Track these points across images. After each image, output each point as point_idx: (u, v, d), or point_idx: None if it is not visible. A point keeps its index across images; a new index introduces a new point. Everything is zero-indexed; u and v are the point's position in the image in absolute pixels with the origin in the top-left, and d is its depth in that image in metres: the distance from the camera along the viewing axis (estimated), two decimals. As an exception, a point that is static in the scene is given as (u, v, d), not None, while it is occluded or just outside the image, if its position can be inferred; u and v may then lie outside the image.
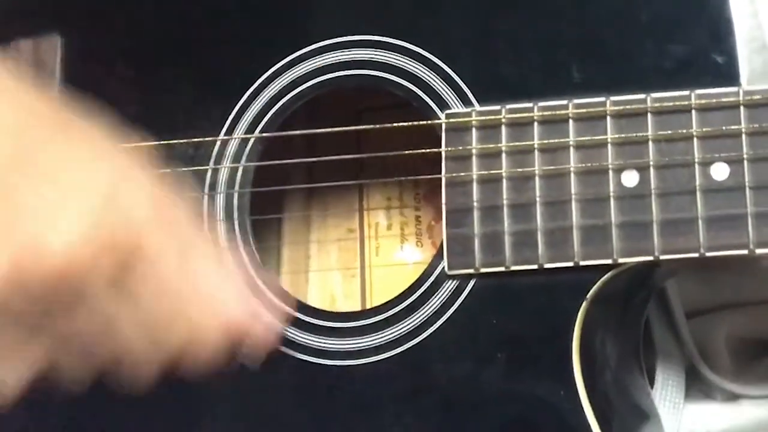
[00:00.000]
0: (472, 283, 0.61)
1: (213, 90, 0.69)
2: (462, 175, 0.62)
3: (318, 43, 0.67)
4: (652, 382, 0.72)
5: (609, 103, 0.59)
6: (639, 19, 0.61)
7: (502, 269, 0.60)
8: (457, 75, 0.64)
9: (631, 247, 0.58)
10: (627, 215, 0.58)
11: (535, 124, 0.61)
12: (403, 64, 0.65)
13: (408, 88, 0.65)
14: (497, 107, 0.62)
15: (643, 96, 0.59)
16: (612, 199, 0.59)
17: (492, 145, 0.61)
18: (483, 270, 0.61)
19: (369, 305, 0.74)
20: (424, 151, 0.63)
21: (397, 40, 0.65)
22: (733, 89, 0.58)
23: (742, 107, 0.57)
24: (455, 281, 0.62)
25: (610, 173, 0.59)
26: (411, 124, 0.64)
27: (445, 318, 0.62)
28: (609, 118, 0.59)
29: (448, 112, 0.63)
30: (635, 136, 0.59)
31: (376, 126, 0.65)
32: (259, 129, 0.67)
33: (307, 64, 0.67)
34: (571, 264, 0.59)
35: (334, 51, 0.67)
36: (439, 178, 0.62)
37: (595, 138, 0.59)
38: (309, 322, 0.65)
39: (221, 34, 0.70)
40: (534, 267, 0.60)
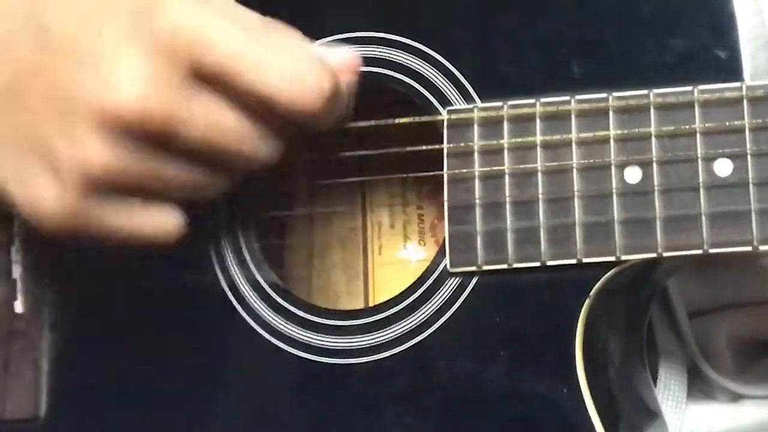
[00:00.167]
0: (475, 280, 0.61)
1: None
2: (464, 171, 0.61)
3: (319, 39, 0.67)
4: (654, 382, 0.72)
5: (611, 98, 0.59)
6: (641, 15, 0.60)
7: (504, 266, 0.60)
8: (458, 71, 0.64)
9: (634, 244, 0.58)
10: (630, 212, 0.58)
11: (537, 120, 0.60)
12: (404, 60, 0.65)
13: (410, 85, 0.65)
14: (499, 103, 0.61)
15: (645, 91, 0.59)
16: (615, 196, 0.58)
17: (494, 142, 0.61)
18: (485, 267, 0.60)
19: (372, 304, 0.74)
20: (426, 148, 0.63)
21: (399, 36, 0.65)
22: (736, 84, 0.57)
23: (745, 102, 0.57)
24: (458, 279, 0.62)
25: (613, 169, 0.59)
26: (413, 120, 0.64)
27: (447, 316, 0.62)
28: (611, 114, 0.59)
29: (450, 108, 0.63)
30: (638, 131, 0.58)
31: (378, 122, 0.65)
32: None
33: (309, 61, 0.67)
34: (573, 261, 0.59)
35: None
36: (442, 176, 0.62)
37: (598, 134, 0.59)
38: (311, 320, 0.64)
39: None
40: (537, 264, 0.59)
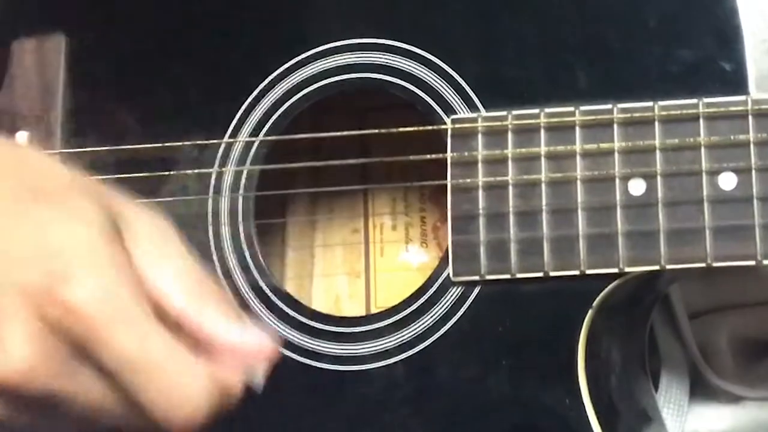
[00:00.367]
0: (478, 289, 0.61)
1: (218, 92, 0.69)
2: (468, 181, 0.61)
3: (323, 46, 0.66)
4: (656, 385, 0.72)
5: (616, 110, 0.59)
6: (647, 25, 0.60)
7: (507, 276, 0.60)
8: (462, 79, 0.63)
9: (638, 257, 0.58)
10: (633, 224, 0.58)
11: (542, 131, 0.60)
12: (408, 67, 0.65)
13: (413, 92, 0.64)
14: (503, 113, 0.61)
15: (650, 104, 0.58)
16: (618, 208, 0.58)
17: (498, 152, 0.61)
18: (488, 277, 0.60)
19: (373, 307, 0.74)
20: (429, 157, 0.63)
21: (403, 43, 0.65)
22: (741, 98, 0.57)
23: (750, 116, 0.57)
24: (460, 288, 0.62)
25: (617, 181, 0.58)
26: (416, 129, 0.63)
27: (450, 324, 0.62)
28: (616, 126, 0.59)
29: (454, 117, 0.62)
30: (642, 144, 0.58)
31: (381, 131, 0.64)
32: (263, 132, 0.67)
33: (312, 67, 0.67)
34: (577, 272, 0.59)
35: (339, 54, 0.66)
36: (445, 183, 0.62)
37: (602, 145, 0.59)
38: (315, 327, 0.65)
39: (226, 36, 0.70)
40: (540, 275, 0.59)
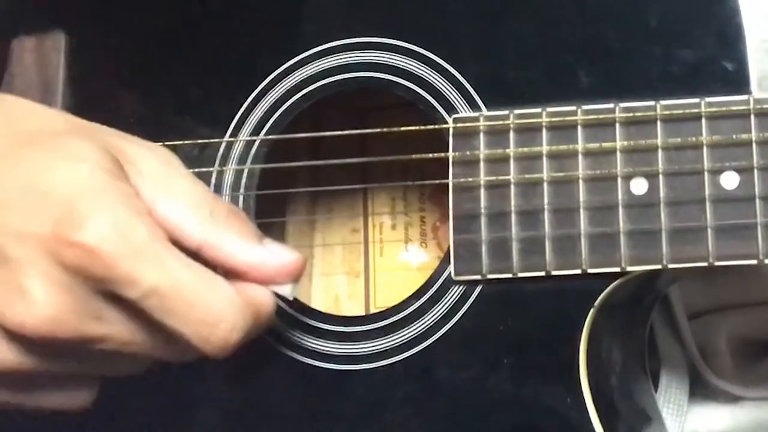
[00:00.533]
0: (479, 289, 0.61)
1: (218, 91, 0.69)
2: (469, 180, 0.61)
3: (324, 45, 0.66)
4: (656, 385, 0.72)
5: (618, 109, 0.59)
6: (648, 25, 0.60)
7: (509, 276, 0.60)
8: (464, 78, 0.63)
9: (640, 256, 0.58)
10: (635, 223, 0.58)
11: (544, 130, 0.60)
12: (410, 66, 0.65)
13: (415, 91, 0.64)
14: (505, 112, 0.61)
15: (652, 103, 0.58)
16: (620, 207, 0.58)
17: (500, 151, 0.61)
18: (490, 276, 0.60)
19: (373, 306, 0.74)
20: (431, 156, 0.63)
21: (404, 42, 0.65)
22: (744, 97, 0.57)
23: (752, 116, 0.57)
24: (462, 287, 0.62)
25: (619, 181, 0.59)
26: (418, 128, 0.63)
27: (451, 324, 0.62)
28: (618, 125, 0.59)
29: (456, 116, 0.62)
30: (644, 143, 0.58)
31: (382, 130, 0.64)
32: (264, 131, 0.67)
33: (313, 66, 0.67)
34: (578, 272, 0.59)
35: (340, 53, 0.66)
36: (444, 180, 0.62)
37: (604, 145, 0.59)
38: (316, 326, 0.64)
39: (227, 35, 0.70)
40: (541, 274, 0.59)
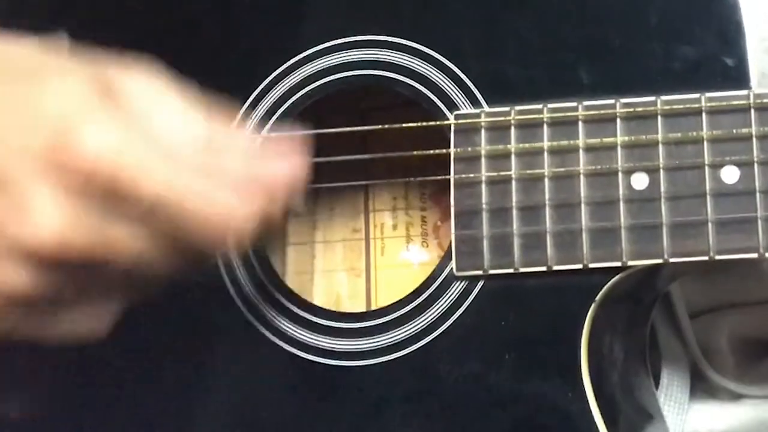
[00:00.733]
0: (481, 284, 0.61)
1: (221, 89, 0.69)
2: (471, 176, 0.61)
3: (326, 43, 0.67)
4: (657, 383, 0.73)
5: (619, 105, 0.59)
6: (649, 21, 0.60)
7: (510, 271, 0.60)
8: (465, 75, 0.64)
9: (641, 250, 0.58)
10: (636, 218, 0.58)
11: (545, 126, 0.61)
12: (411, 64, 0.65)
13: (416, 89, 0.65)
14: (506, 108, 0.61)
15: (653, 98, 0.59)
16: (621, 202, 0.59)
17: (501, 147, 0.61)
18: (492, 272, 0.61)
19: (374, 305, 0.74)
20: (433, 152, 0.63)
21: (406, 40, 0.65)
22: (744, 92, 0.58)
23: (752, 110, 0.57)
24: (463, 283, 0.62)
25: (620, 175, 0.59)
26: (420, 125, 0.64)
27: (453, 319, 0.62)
28: (619, 120, 0.59)
29: (458, 113, 0.63)
30: (645, 138, 0.59)
31: (384, 126, 0.65)
32: (266, 128, 0.67)
33: (315, 64, 0.67)
34: (580, 266, 0.59)
35: (342, 51, 0.66)
36: (446, 179, 0.62)
37: (605, 140, 0.59)
38: (316, 323, 0.65)
39: (229, 33, 0.70)
40: (543, 269, 0.60)
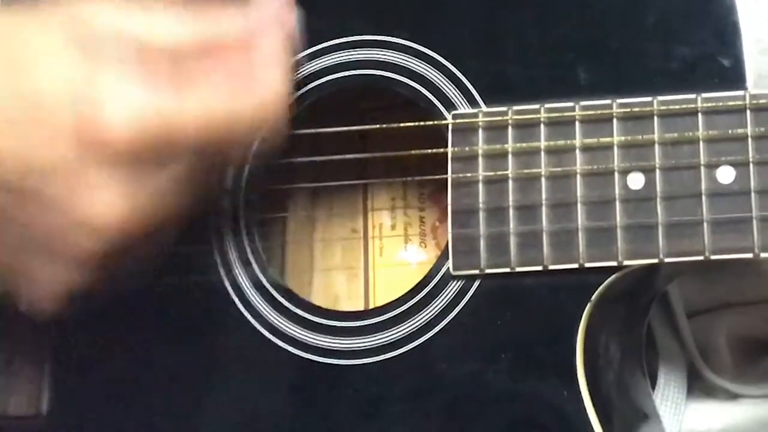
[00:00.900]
0: (477, 283, 0.62)
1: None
2: (468, 175, 0.62)
3: (324, 42, 0.67)
4: (654, 382, 0.73)
5: (615, 105, 0.60)
6: (646, 22, 0.61)
7: (507, 270, 0.60)
8: (463, 75, 0.64)
9: (636, 250, 0.58)
10: (632, 218, 0.59)
11: (542, 126, 0.61)
12: (409, 64, 0.65)
13: (414, 89, 0.65)
14: (504, 108, 0.62)
15: (649, 99, 0.59)
16: (617, 202, 0.59)
17: (498, 146, 0.61)
18: (488, 271, 0.61)
19: (372, 305, 0.74)
20: (430, 152, 0.63)
21: (404, 40, 0.66)
22: (740, 93, 0.58)
23: (748, 111, 0.57)
24: (460, 282, 0.62)
25: (616, 175, 0.59)
26: (417, 124, 0.64)
27: (449, 318, 0.62)
28: (615, 121, 0.60)
29: (455, 112, 0.63)
30: (641, 138, 0.59)
31: (382, 126, 0.65)
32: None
33: (314, 63, 0.67)
34: (576, 266, 0.59)
35: (340, 51, 0.67)
36: (444, 179, 0.62)
37: (602, 140, 0.60)
38: (314, 321, 0.65)
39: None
40: (539, 268, 0.60)
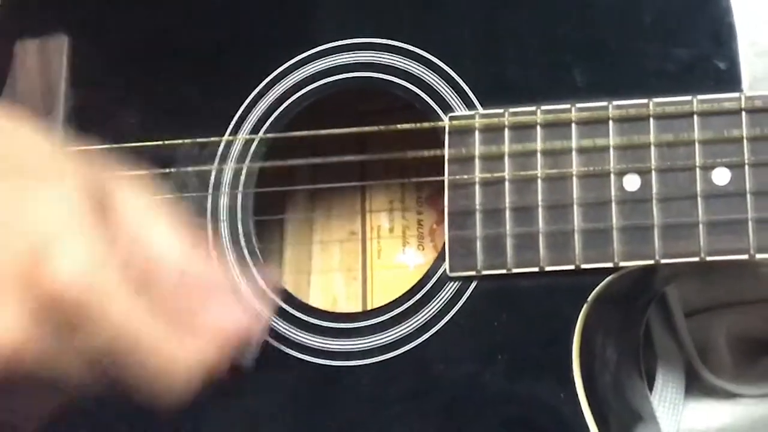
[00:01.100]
0: (474, 285, 0.62)
1: (218, 91, 0.70)
2: (465, 177, 0.62)
3: (322, 45, 0.67)
4: (652, 383, 0.73)
5: (611, 107, 0.60)
6: (642, 24, 0.61)
7: (503, 272, 0.61)
8: (460, 78, 0.64)
9: (633, 251, 0.58)
10: (628, 219, 0.59)
11: (538, 128, 0.61)
12: (406, 66, 0.65)
13: (411, 91, 0.65)
14: (500, 110, 0.62)
15: (645, 100, 0.59)
16: (613, 203, 0.59)
17: (495, 148, 0.62)
18: (485, 272, 0.61)
19: (370, 307, 0.74)
20: (427, 154, 0.64)
21: (401, 42, 0.66)
22: (735, 95, 0.58)
23: (743, 113, 0.57)
24: (457, 283, 0.62)
25: (612, 177, 0.59)
26: (414, 126, 0.64)
27: (446, 320, 0.62)
28: (611, 122, 0.60)
29: (452, 114, 0.63)
30: (637, 140, 0.59)
31: (379, 128, 0.65)
32: (263, 130, 0.68)
33: (312, 66, 0.67)
34: (572, 267, 0.59)
35: (338, 53, 0.67)
36: (441, 182, 0.63)
37: (598, 142, 0.60)
38: (311, 323, 0.65)
39: (227, 35, 0.71)
40: (535, 270, 0.60)
